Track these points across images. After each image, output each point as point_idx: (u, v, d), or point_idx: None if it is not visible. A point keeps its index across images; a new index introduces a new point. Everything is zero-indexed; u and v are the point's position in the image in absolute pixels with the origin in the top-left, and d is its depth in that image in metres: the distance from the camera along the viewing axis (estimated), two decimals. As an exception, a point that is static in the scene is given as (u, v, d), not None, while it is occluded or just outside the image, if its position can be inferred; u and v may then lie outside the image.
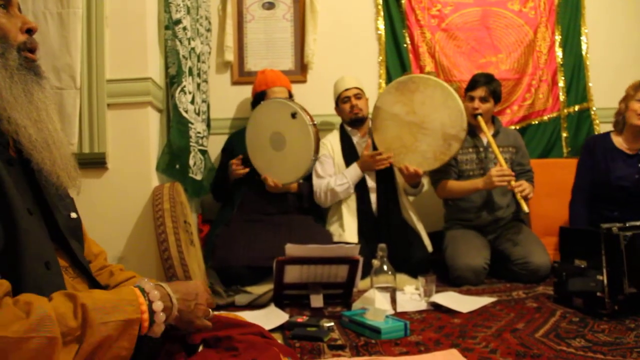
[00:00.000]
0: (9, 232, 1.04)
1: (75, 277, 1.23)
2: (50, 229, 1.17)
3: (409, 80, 3.36)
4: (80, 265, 1.26)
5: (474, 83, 3.43)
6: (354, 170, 3.47)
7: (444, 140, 3.25)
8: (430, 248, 3.42)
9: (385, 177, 3.50)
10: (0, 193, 1.05)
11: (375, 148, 3.45)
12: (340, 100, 3.61)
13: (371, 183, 3.54)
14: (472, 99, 3.41)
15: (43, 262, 1.09)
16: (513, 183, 3.14)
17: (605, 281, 2.35)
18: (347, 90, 3.58)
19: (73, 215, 1.33)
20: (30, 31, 1.22)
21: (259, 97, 3.61)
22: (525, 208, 3.07)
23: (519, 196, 3.10)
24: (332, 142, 3.64)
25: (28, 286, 1.04)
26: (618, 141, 3.30)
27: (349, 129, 3.66)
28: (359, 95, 3.58)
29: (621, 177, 3.21)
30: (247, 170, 3.42)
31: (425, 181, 3.64)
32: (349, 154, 3.58)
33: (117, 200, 2.61)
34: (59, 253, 1.20)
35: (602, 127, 4.14)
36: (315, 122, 3.33)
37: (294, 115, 3.28)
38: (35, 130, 1.12)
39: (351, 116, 3.57)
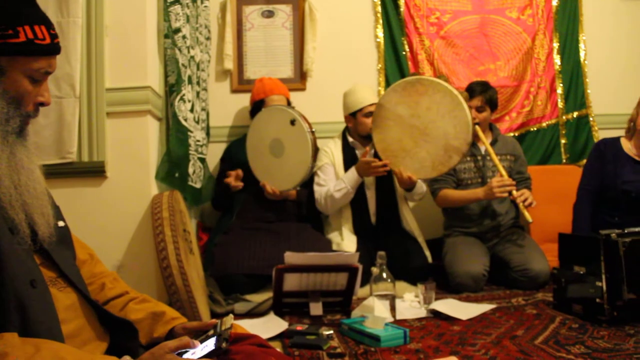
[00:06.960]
0: None
1: (65, 286, 1.25)
2: (35, 243, 1.19)
3: (417, 82, 3.15)
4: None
5: (469, 92, 3.40)
6: (352, 174, 3.38)
7: (445, 151, 3.09)
8: (429, 255, 3.40)
9: (384, 185, 3.49)
10: None
11: (376, 155, 3.33)
12: (362, 114, 3.47)
13: (370, 191, 3.52)
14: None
15: (28, 281, 1.12)
16: (514, 193, 3.12)
17: (604, 287, 2.36)
18: (372, 105, 3.41)
19: (60, 223, 1.35)
20: (41, 104, 1.26)
21: (257, 106, 3.61)
22: (528, 218, 3.05)
23: (521, 206, 3.08)
24: (333, 151, 3.58)
25: (12, 306, 1.06)
26: (627, 147, 3.25)
27: (351, 140, 3.60)
28: None
29: (627, 182, 3.17)
30: (241, 185, 3.43)
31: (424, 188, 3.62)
32: (351, 165, 3.46)
33: (116, 209, 2.60)
34: (46, 265, 1.23)
35: (601, 133, 4.14)
36: (314, 130, 3.32)
37: (293, 122, 3.29)
38: (15, 193, 1.16)
39: (370, 132, 3.40)
